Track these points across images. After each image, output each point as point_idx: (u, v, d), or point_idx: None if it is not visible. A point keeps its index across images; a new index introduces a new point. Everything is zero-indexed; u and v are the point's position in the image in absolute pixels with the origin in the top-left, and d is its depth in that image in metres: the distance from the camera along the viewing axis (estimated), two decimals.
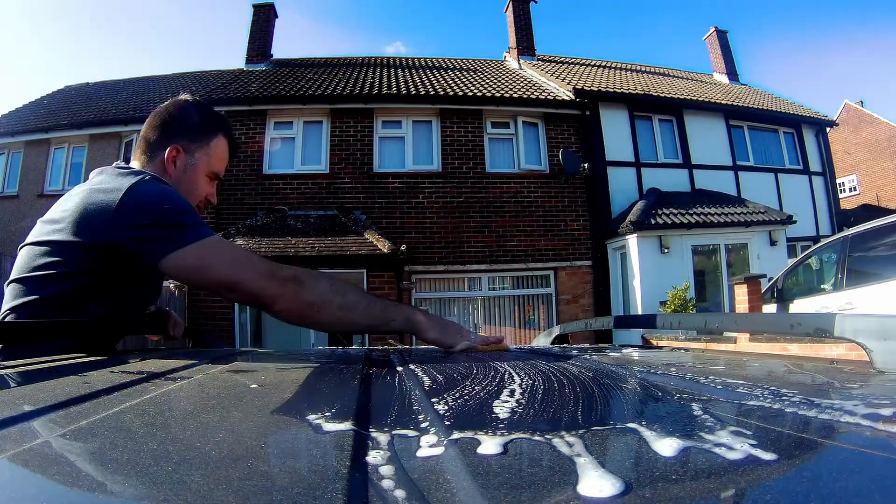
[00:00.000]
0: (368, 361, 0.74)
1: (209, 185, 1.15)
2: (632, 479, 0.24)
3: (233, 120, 8.39)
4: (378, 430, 0.33)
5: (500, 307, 8.32)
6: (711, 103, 9.65)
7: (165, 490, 0.23)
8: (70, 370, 0.62)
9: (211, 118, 1.16)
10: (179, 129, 1.10)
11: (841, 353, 2.47)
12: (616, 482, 0.23)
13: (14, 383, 0.53)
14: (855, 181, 17.80)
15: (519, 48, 11.58)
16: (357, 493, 0.23)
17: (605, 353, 0.94)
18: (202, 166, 1.11)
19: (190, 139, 1.11)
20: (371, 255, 6.94)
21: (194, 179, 1.11)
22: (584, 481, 0.24)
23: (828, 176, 10.33)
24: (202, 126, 1.13)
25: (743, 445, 0.29)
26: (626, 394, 0.51)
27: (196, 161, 1.11)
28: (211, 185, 1.15)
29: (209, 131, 1.13)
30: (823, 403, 0.40)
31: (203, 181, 1.13)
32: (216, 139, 1.14)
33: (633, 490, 0.23)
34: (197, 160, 1.11)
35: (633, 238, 7.75)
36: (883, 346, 0.60)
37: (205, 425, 0.36)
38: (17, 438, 0.31)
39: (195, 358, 0.76)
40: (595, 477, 0.24)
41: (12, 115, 10.50)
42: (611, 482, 0.24)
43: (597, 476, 0.24)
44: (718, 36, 13.23)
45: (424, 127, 8.61)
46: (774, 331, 0.87)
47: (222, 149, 1.15)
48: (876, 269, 4.82)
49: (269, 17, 11.34)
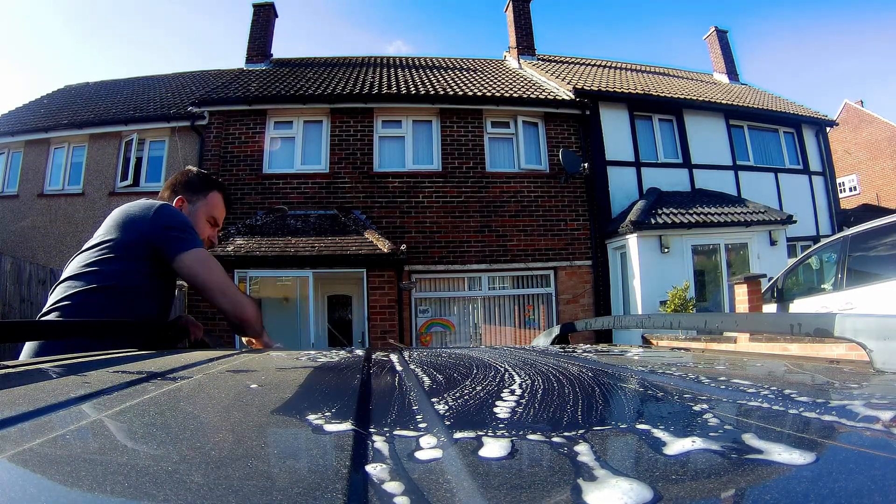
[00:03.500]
0: (368, 361, 0.74)
1: (209, 228, 1.50)
2: (632, 480, 0.24)
3: (233, 119, 8.39)
4: (378, 431, 0.33)
5: (500, 307, 8.32)
6: (711, 103, 9.65)
7: (165, 490, 0.23)
8: (66, 371, 0.62)
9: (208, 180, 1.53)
10: (183, 188, 1.47)
11: (841, 353, 2.47)
12: (616, 482, 0.23)
13: (14, 383, 0.53)
14: (855, 181, 17.80)
15: (519, 48, 11.58)
16: (357, 494, 0.23)
17: (605, 353, 0.94)
18: (202, 212, 1.47)
19: (191, 193, 1.47)
20: (371, 254, 6.94)
21: (197, 221, 1.44)
22: (584, 481, 0.24)
23: (828, 176, 10.33)
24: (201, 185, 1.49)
25: (743, 445, 0.29)
26: (626, 394, 0.51)
27: (197, 208, 1.46)
28: (211, 229, 1.50)
29: (207, 188, 1.50)
30: (824, 403, 0.40)
31: (203, 223, 1.47)
32: (212, 193, 1.50)
33: (634, 490, 0.23)
34: (198, 207, 1.47)
35: (633, 238, 7.75)
36: (883, 346, 0.60)
37: (205, 425, 0.36)
38: (18, 438, 0.31)
39: (195, 358, 0.76)
40: (595, 477, 0.24)
41: (12, 114, 10.49)
42: (611, 482, 0.24)
43: (597, 476, 0.24)
44: (718, 36, 13.23)
45: (424, 126, 8.61)
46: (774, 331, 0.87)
47: (217, 200, 1.51)
48: (876, 269, 4.82)
49: (269, 17, 11.34)
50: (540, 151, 8.72)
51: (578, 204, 8.58)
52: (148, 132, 8.73)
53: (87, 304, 1.18)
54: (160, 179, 8.21)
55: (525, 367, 0.63)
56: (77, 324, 1.02)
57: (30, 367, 0.66)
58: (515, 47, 11.63)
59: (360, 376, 0.59)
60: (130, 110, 9.26)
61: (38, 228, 8.69)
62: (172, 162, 8.39)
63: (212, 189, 1.50)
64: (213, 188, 1.50)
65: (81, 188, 8.78)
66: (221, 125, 8.37)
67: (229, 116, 8.41)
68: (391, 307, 7.12)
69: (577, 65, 11.95)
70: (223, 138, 8.31)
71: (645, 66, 13.06)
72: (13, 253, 6.68)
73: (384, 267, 7.09)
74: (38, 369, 0.64)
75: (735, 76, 12.98)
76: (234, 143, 8.31)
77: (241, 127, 8.37)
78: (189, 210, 1.44)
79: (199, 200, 1.47)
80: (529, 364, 0.67)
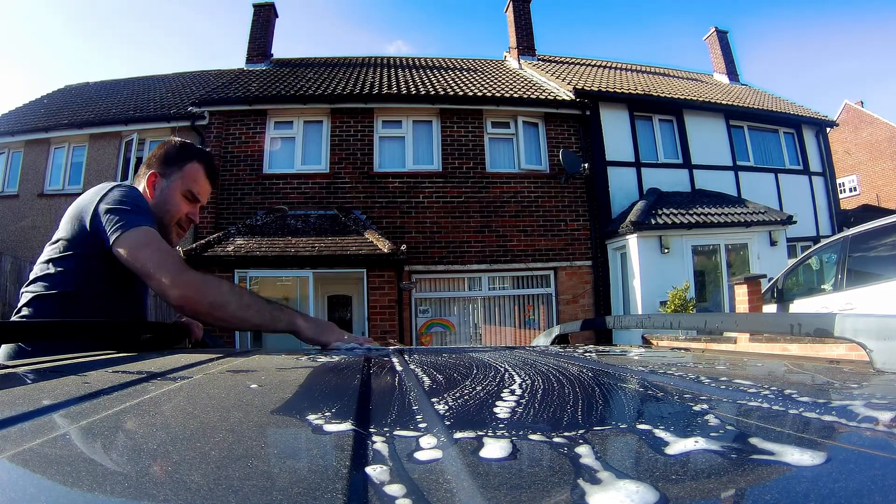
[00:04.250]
0: (368, 361, 0.74)
1: (187, 205, 1.30)
2: (632, 479, 0.24)
3: (233, 120, 8.39)
4: (378, 431, 0.33)
5: (500, 307, 8.32)
6: (711, 103, 9.65)
7: (165, 490, 0.23)
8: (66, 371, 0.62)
9: (187, 149, 1.33)
10: (158, 161, 1.30)
11: (841, 353, 2.46)
12: (623, 484, 0.23)
13: (14, 383, 0.53)
14: (855, 181, 17.79)
15: (519, 48, 11.58)
16: (357, 494, 0.23)
17: (605, 353, 0.94)
18: (177, 186, 1.28)
19: (166, 166, 1.29)
20: (371, 254, 6.94)
21: (170, 198, 1.27)
22: (587, 482, 0.24)
23: (828, 176, 10.33)
24: (178, 156, 1.31)
25: (743, 445, 0.29)
26: (627, 394, 0.51)
27: (171, 182, 1.28)
28: (189, 205, 1.31)
29: (184, 159, 1.31)
30: (824, 403, 0.40)
31: (179, 199, 1.29)
32: (189, 164, 1.30)
33: (635, 490, 0.23)
34: (172, 181, 1.28)
35: (634, 238, 7.75)
36: (883, 346, 0.60)
37: (205, 425, 0.36)
38: (18, 438, 0.31)
39: (195, 358, 0.77)
40: (599, 479, 0.24)
41: (12, 114, 10.50)
42: (615, 483, 0.23)
43: (600, 478, 0.24)
44: (718, 36, 13.22)
45: (425, 127, 8.61)
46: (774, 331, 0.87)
47: (195, 171, 1.31)
48: (876, 270, 4.81)
49: (269, 17, 11.35)
50: (540, 151, 8.73)
51: (578, 204, 8.58)
52: (148, 132, 8.73)
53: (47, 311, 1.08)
54: None
55: (525, 367, 0.63)
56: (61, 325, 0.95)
57: (30, 367, 0.66)
58: (515, 47, 11.64)
59: (360, 376, 0.59)
60: (130, 110, 9.26)
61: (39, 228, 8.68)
62: None
63: (190, 159, 1.30)
64: (192, 158, 1.30)
65: (82, 188, 8.77)
66: (222, 125, 8.37)
67: (229, 116, 8.41)
68: (391, 307, 7.12)
69: (577, 65, 11.96)
70: (223, 138, 8.31)
71: (645, 66, 13.06)
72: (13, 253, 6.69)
73: (384, 267, 7.09)
74: (39, 369, 0.64)
75: (735, 76, 12.98)
76: (234, 143, 8.31)
77: (242, 127, 8.37)
78: (162, 186, 1.27)
79: (174, 173, 1.28)
80: (529, 364, 0.67)
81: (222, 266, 6.80)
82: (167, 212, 1.26)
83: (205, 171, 1.33)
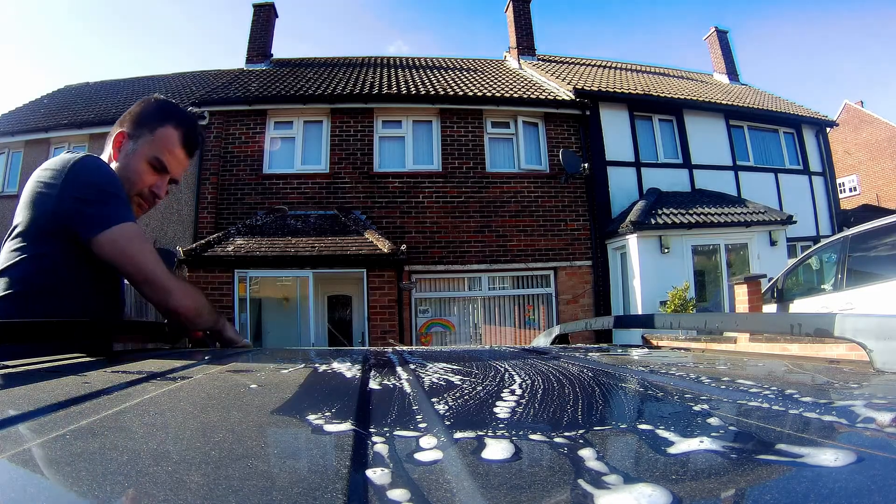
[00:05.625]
0: (368, 361, 0.74)
1: (152, 175, 1.11)
2: (632, 479, 0.24)
3: (233, 120, 8.39)
4: (378, 431, 0.33)
5: (500, 307, 8.32)
6: (711, 103, 9.65)
7: (165, 490, 0.23)
8: (70, 370, 0.62)
9: (166, 110, 1.14)
10: (130, 119, 1.12)
11: (841, 353, 2.46)
12: (616, 481, 0.23)
13: (14, 383, 0.53)
14: (855, 181, 17.79)
15: (519, 48, 11.58)
16: (357, 494, 0.23)
17: (605, 353, 0.94)
18: (143, 152, 1.09)
19: (137, 126, 1.11)
20: (371, 254, 6.94)
21: (134, 165, 1.09)
22: (584, 481, 0.24)
23: (828, 176, 10.33)
24: (153, 116, 1.12)
25: (744, 446, 0.29)
26: (627, 394, 0.51)
27: (137, 147, 1.10)
28: (156, 176, 1.12)
29: (159, 120, 1.11)
30: (824, 403, 0.40)
31: (144, 168, 1.10)
32: (164, 128, 1.11)
33: (635, 490, 0.23)
34: (139, 146, 1.10)
35: (634, 238, 7.75)
36: (883, 346, 0.60)
37: (205, 425, 0.35)
38: (18, 438, 0.31)
39: (195, 358, 0.77)
40: (595, 476, 0.24)
41: (12, 114, 10.50)
42: (611, 481, 0.23)
43: (597, 475, 0.24)
44: (718, 36, 13.22)
45: (424, 127, 8.61)
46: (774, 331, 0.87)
47: (169, 136, 1.11)
48: (876, 269, 4.82)
49: (269, 17, 11.35)
50: (540, 151, 8.72)
51: (578, 204, 8.58)
52: None
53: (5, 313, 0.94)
54: None
55: (525, 366, 0.63)
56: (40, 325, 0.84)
57: (29, 366, 0.66)
58: (515, 47, 11.64)
59: (360, 376, 0.58)
60: None
61: None
62: None
63: (165, 121, 1.11)
64: (168, 121, 1.11)
65: None
66: (222, 125, 8.37)
67: (229, 116, 8.41)
68: (391, 307, 7.12)
69: (577, 65, 11.96)
70: (223, 138, 8.31)
71: (645, 66, 13.06)
72: None
73: (384, 267, 7.09)
74: (38, 369, 0.64)
75: (735, 76, 12.98)
76: (234, 143, 8.31)
77: (242, 127, 8.38)
78: (128, 149, 1.10)
79: (143, 136, 1.10)
80: (530, 364, 0.67)
81: (222, 266, 6.80)
82: (127, 179, 1.09)
83: (180, 139, 1.12)
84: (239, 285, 6.87)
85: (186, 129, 1.14)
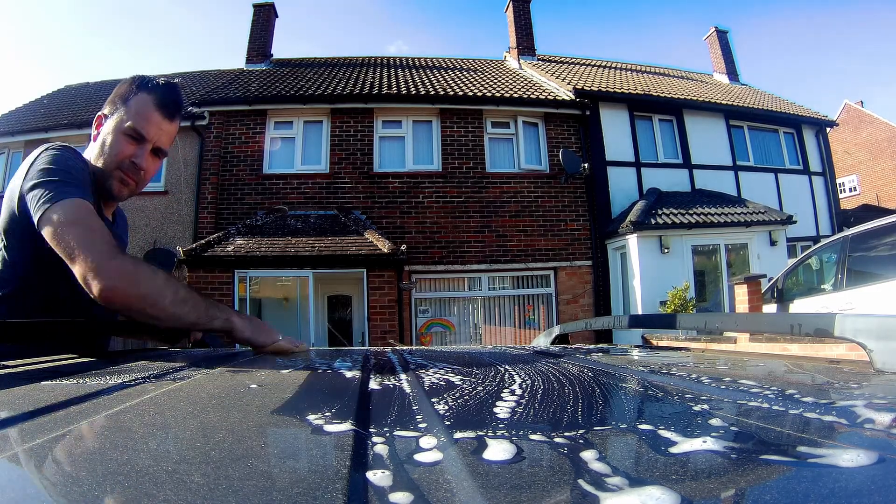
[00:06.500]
0: (368, 361, 0.74)
1: (130, 145, 1.07)
2: (636, 481, 0.24)
3: (233, 120, 8.39)
4: (378, 431, 0.33)
5: (500, 307, 8.32)
6: (711, 103, 9.65)
7: (165, 490, 0.23)
8: (67, 371, 0.62)
9: (140, 81, 1.11)
10: (108, 101, 1.11)
11: (841, 353, 2.46)
12: (621, 483, 0.23)
13: (14, 383, 0.53)
14: (855, 181, 17.79)
15: (519, 48, 11.58)
16: (357, 494, 0.23)
17: (606, 353, 0.94)
18: (119, 124, 1.07)
19: (112, 104, 1.10)
20: (371, 254, 6.94)
21: (111, 139, 1.07)
22: (584, 481, 0.24)
23: (828, 176, 10.33)
24: (127, 90, 1.10)
25: (744, 445, 0.29)
26: (628, 394, 0.51)
27: (112, 121, 1.08)
28: (134, 146, 1.08)
29: (132, 92, 1.09)
30: (824, 403, 0.40)
31: (120, 139, 1.07)
32: (136, 96, 1.08)
33: (635, 490, 0.23)
34: (113, 120, 1.08)
35: (634, 238, 7.75)
36: (883, 346, 0.60)
37: (205, 425, 0.35)
38: (18, 438, 0.31)
39: (195, 358, 0.76)
40: (595, 476, 0.24)
41: (12, 114, 10.50)
42: (614, 482, 0.23)
43: (597, 475, 0.24)
44: (718, 36, 13.22)
45: (424, 127, 8.61)
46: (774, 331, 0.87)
47: (143, 104, 1.08)
48: (876, 269, 4.82)
49: (269, 17, 11.34)
50: (540, 151, 8.72)
51: (578, 204, 8.58)
52: None
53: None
54: (160, 179, 8.21)
55: (525, 367, 0.63)
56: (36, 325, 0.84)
57: (30, 367, 0.66)
58: (515, 47, 11.64)
59: (360, 376, 0.58)
60: None
61: None
62: (172, 162, 8.39)
63: (138, 91, 1.08)
64: (141, 89, 1.08)
65: None
66: (222, 125, 8.37)
67: (229, 116, 8.41)
68: (391, 307, 7.12)
69: (577, 65, 11.96)
70: (223, 138, 8.32)
71: (645, 66, 13.06)
72: None
73: (384, 267, 7.09)
74: (39, 369, 0.64)
75: (735, 76, 12.98)
76: (234, 143, 8.31)
77: (242, 127, 8.37)
78: (106, 128, 1.09)
79: (118, 110, 1.08)
80: (530, 364, 0.67)
81: (222, 266, 6.80)
82: (106, 154, 1.07)
83: (154, 102, 1.08)
84: (239, 285, 6.87)
85: (160, 92, 1.10)
